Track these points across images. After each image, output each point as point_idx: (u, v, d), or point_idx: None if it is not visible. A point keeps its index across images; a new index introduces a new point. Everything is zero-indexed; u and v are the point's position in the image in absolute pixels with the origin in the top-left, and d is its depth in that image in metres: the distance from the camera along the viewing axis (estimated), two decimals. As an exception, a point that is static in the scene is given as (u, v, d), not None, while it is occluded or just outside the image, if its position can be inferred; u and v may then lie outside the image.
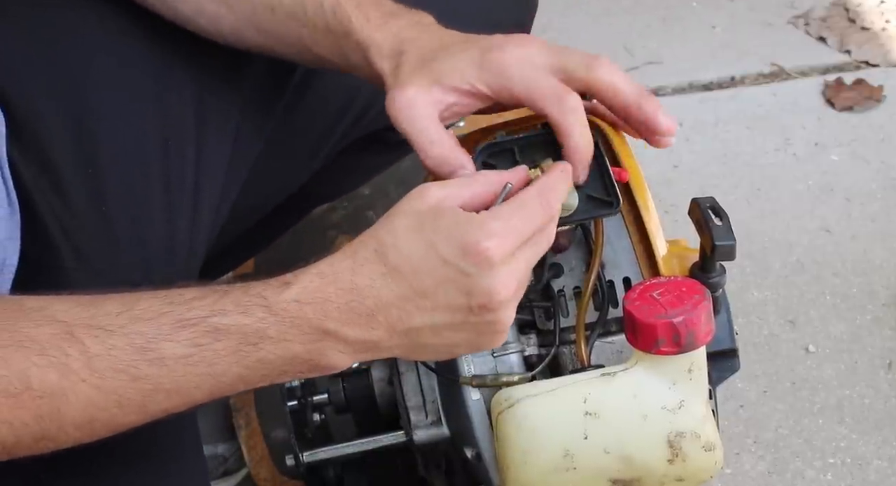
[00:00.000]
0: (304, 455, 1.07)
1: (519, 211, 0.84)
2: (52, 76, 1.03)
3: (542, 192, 0.86)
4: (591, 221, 0.99)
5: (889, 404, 1.61)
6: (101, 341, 0.79)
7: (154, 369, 0.80)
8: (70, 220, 0.99)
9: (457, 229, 0.81)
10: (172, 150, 1.06)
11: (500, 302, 0.82)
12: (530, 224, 0.84)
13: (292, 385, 1.11)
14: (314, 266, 0.82)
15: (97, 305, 0.81)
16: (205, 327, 0.80)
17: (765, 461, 1.55)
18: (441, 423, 1.03)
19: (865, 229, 1.85)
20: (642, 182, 1.02)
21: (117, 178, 1.02)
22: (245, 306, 0.81)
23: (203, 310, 0.81)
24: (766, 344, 1.69)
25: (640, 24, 2.29)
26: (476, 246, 0.80)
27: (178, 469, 1.02)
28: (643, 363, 0.91)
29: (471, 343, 0.85)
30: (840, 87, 2.09)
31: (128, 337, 0.80)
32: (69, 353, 0.79)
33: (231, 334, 0.80)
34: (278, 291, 0.81)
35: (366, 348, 0.83)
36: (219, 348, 0.81)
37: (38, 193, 1.00)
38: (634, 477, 0.93)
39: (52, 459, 0.84)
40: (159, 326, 0.80)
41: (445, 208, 0.82)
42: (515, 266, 0.83)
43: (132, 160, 1.04)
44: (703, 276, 0.98)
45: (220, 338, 0.80)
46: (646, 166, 1.04)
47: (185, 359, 0.80)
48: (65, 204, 1.00)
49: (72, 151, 1.01)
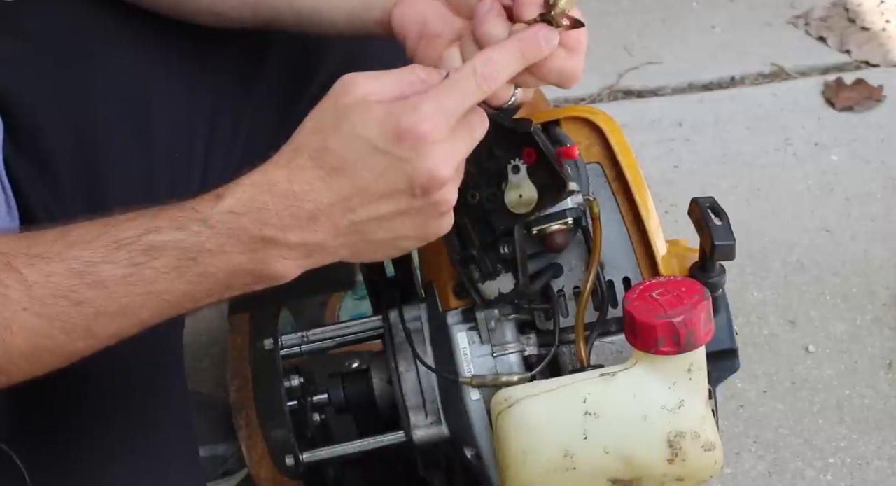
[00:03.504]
0: (304, 455, 1.07)
1: (451, 90, 0.81)
2: (58, 89, 1.03)
3: (478, 68, 0.82)
4: (586, 219, 0.99)
5: (889, 404, 1.61)
6: (38, 268, 0.79)
7: (94, 293, 0.80)
8: None
9: (388, 118, 0.79)
10: (179, 166, 1.07)
11: (442, 180, 0.81)
12: (466, 101, 0.82)
13: (292, 385, 1.11)
14: (247, 177, 0.81)
15: (35, 236, 0.82)
16: (141, 246, 0.80)
17: (765, 461, 1.55)
18: (441, 423, 1.03)
19: (865, 229, 1.85)
20: (642, 182, 1.02)
21: (119, 191, 1.03)
22: (179, 221, 0.80)
23: (137, 229, 0.80)
24: (766, 344, 1.69)
25: (640, 24, 2.28)
26: (410, 130, 0.79)
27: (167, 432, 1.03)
28: (643, 363, 0.91)
29: (418, 231, 0.84)
30: (840, 87, 2.09)
31: (65, 262, 0.79)
32: (7, 283, 0.79)
33: (168, 251, 0.80)
34: (211, 203, 0.80)
35: (310, 252, 0.82)
36: (158, 265, 0.80)
37: (35, 196, 1.00)
38: (634, 477, 0.93)
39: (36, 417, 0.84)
40: (95, 249, 0.80)
41: (374, 102, 0.80)
42: (452, 145, 0.81)
43: (136, 173, 1.04)
44: (702, 276, 0.98)
45: (158, 255, 0.80)
46: (646, 166, 1.04)
47: (125, 279, 0.80)
48: (64, 209, 1.00)
49: (72, 161, 1.01)
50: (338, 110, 0.80)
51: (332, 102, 0.81)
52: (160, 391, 1.05)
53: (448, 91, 0.81)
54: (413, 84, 0.82)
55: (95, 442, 0.98)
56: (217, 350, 1.67)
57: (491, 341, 1.01)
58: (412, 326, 1.05)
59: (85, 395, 0.99)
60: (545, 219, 0.96)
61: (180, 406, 1.07)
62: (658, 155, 1.99)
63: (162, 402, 1.04)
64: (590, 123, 1.03)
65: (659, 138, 2.03)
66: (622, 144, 1.02)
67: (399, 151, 0.79)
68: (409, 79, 0.82)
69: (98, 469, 0.97)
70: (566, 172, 0.92)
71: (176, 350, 1.09)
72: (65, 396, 0.98)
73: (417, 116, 0.79)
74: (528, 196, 0.92)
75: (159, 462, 1.01)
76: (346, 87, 0.81)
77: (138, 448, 1.00)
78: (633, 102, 2.12)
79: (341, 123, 0.80)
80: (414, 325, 1.05)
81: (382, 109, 0.80)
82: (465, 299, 1.02)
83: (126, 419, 1.01)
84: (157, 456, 1.01)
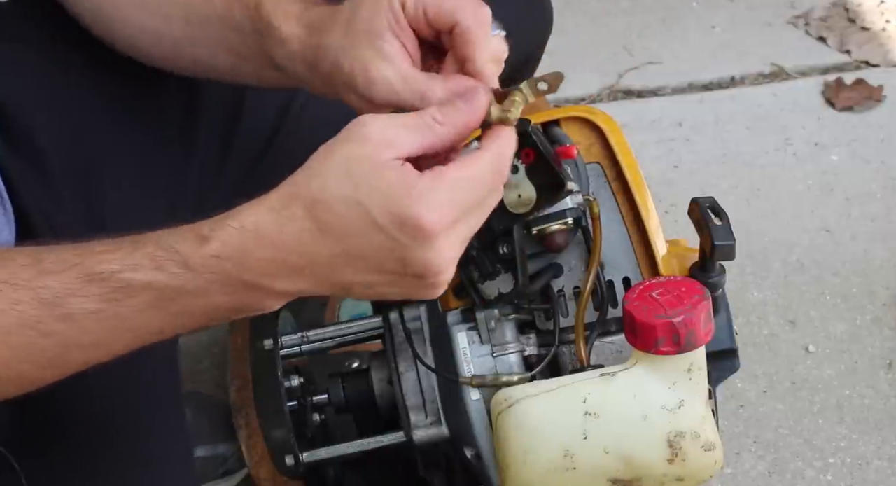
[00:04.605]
0: (304, 455, 1.07)
1: (467, 182, 0.76)
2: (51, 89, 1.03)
3: (496, 161, 0.78)
4: (586, 219, 0.99)
5: (889, 404, 1.61)
6: (5, 295, 0.76)
7: (63, 325, 0.77)
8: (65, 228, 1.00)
9: (395, 197, 0.74)
10: (176, 164, 1.07)
11: (439, 272, 0.77)
12: (477, 195, 0.77)
13: (292, 385, 1.11)
14: (235, 218, 0.76)
15: (7, 257, 0.78)
16: (116, 283, 0.76)
17: (765, 461, 1.55)
18: (441, 423, 1.03)
19: (865, 229, 1.85)
20: (642, 182, 1.02)
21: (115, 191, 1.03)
22: (158, 261, 0.76)
23: (114, 264, 0.77)
24: (766, 344, 1.69)
25: (640, 24, 2.29)
26: (416, 220, 0.74)
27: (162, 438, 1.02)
28: (643, 363, 0.91)
29: (406, 296, 0.81)
30: (840, 87, 2.09)
31: (34, 291, 0.76)
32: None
33: (145, 290, 0.77)
34: (195, 245, 0.76)
35: (292, 295, 0.79)
36: (133, 303, 0.77)
37: (31, 197, 1.00)
38: (634, 477, 0.93)
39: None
40: (66, 280, 0.76)
41: (384, 163, 0.74)
42: (455, 238, 0.77)
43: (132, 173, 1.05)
44: (702, 276, 0.98)
45: (134, 294, 0.77)
46: (646, 166, 1.04)
47: (96, 314, 0.77)
48: (60, 210, 1.00)
49: (67, 161, 1.02)
50: (347, 162, 0.75)
51: (343, 149, 0.76)
52: (154, 394, 1.04)
53: (466, 184, 0.76)
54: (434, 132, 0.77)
55: (90, 445, 0.98)
56: (217, 350, 1.67)
57: (491, 341, 1.01)
58: (412, 326, 1.05)
59: (80, 398, 0.99)
60: (545, 219, 0.96)
61: (174, 408, 1.07)
62: (658, 155, 1.99)
63: (156, 404, 1.04)
64: (590, 122, 1.03)
65: (659, 138, 2.03)
66: (622, 144, 1.02)
67: (398, 235, 0.75)
68: (428, 125, 0.77)
69: (93, 472, 0.97)
70: (565, 171, 0.92)
71: (171, 353, 1.09)
72: (61, 399, 0.97)
73: (426, 206, 0.74)
74: (526, 196, 0.92)
75: (153, 465, 1.01)
76: (362, 133, 0.76)
77: (133, 451, 1.00)
78: (633, 102, 2.12)
79: (346, 179, 0.75)
80: (414, 325, 1.05)
81: (393, 179, 0.74)
82: (464, 299, 1.02)
83: (121, 422, 1.00)
84: (151, 459, 1.01)
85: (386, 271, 0.77)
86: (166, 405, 1.05)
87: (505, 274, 0.97)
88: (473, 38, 0.83)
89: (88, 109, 1.04)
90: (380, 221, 0.74)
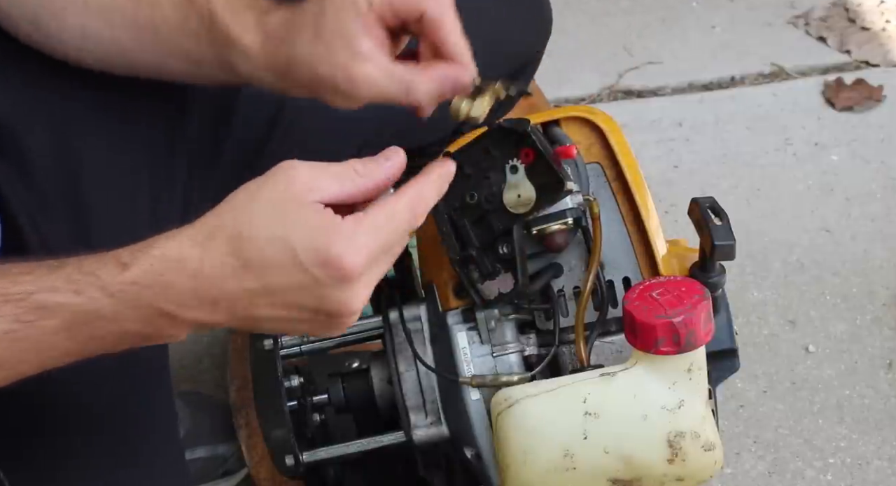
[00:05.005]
0: (304, 455, 1.07)
1: (387, 225, 0.80)
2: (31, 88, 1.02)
3: (414, 204, 0.82)
4: (586, 219, 0.99)
5: (889, 404, 1.61)
6: None
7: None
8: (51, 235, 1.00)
9: (319, 236, 0.77)
10: (160, 165, 1.06)
11: (351, 313, 0.80)
12: (395, 237, 0.80)
13: (292, 385, 1.11)
14: (157, 246, 0.78)
15: None
16: (30, 304, 0.77)
17: (765, 461, 1.55)
18: (441, 423, 1.03)
19: (865, 229, 1.85)
20: (642, 182, 1.02)
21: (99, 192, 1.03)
22: (77, 284, 0.77)
23: (29, 285, 0.77)
24: (766, 344, 1.69)
25: (640, 24, 2.29)
26: (338, 260, 0.77)
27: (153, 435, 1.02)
28: (643, 363, 0.92)
29: (314, 332, 0.83)
30: (840, 87, 2.09)
31: None
32: None
33: (60, 313, 0.77)
34: (115, 271, 0.77)
35: (204, 326, 0.81)
36: (46, 325, 0.77)
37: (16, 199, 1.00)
38: (634, 477, 0.93)
39: None
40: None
41: (309, 205, 0.78)
42: (371, 278, 0.80)
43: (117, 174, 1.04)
44: (702, 276, 0.98)
45: (48, 316, 0.77)
46: (646, 166, 1.04)
47: (7, 335, 0.77)
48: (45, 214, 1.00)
49: (50, 161, 1.01)
50: (272, 200, 0.78)
51: (269, 189, 0.78)
52: (144, 398, 1.04)
53: (384, 227, 0.79)
54: (354, 183, 0.80)
55: (78, 450, 0.98)
56: (217, 351, 1.67)
57: (491, 341, 1.01)
58: (412, 326, 1.05)
59: (68, 403, 0.98)
60: (545, 219, 0.96)
61: (165, 411, 1.06)
62: (658, 155, 1.99)
63: (146, 409, 1.04)
64: (590, 122, 1.03)
65: (659, 138, 2.03)
66: (622, 144, 1.02)
67: (319, 274, 0.77)
68: (350, 176, 0.80)
69: (82, 478, 0.97)
70: (564, 171, 0.92)
71: (160, 356, 1.09)
72: (48, 405, 0.97)
73: (350, 247, 0.77)
74: (526, 196, 0.92)
75: (143, 467, 1.00)
76: (288, 176, 0.78)
77: (123, 454, 0.99)
78: (633, 102, 2.12)
79: (273, 217, 0.77)
80: (414, 325, 1.05)
81: (317, 220, 0.77)
82: (465, 299, 1.02)
83: (111, 426, 1.00)
84: (142, 461, 1.00)
85: (300, 308, 0.79)
86: (157, 408, 1.05)
87: (505, 274, 0.97)
88: (442, 24, 0.86)
89: (73, 111, 1.03)
90: (303, 259, 0.77)
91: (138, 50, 0.98)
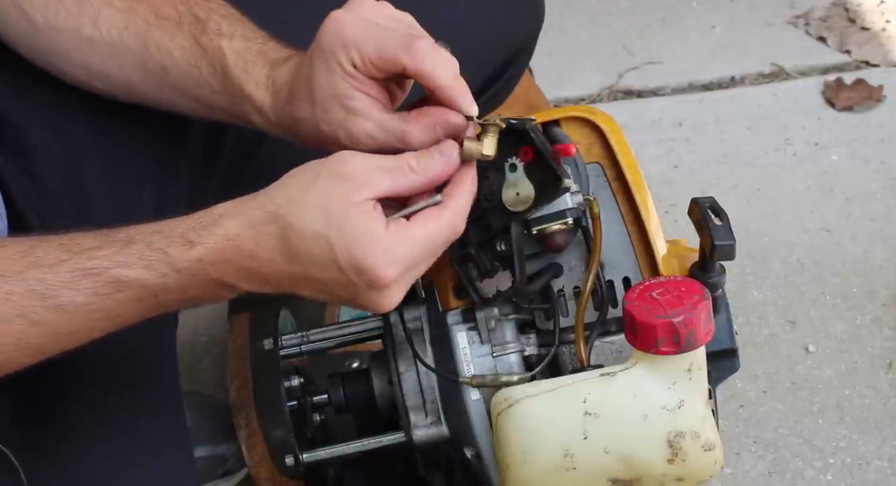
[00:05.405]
0: (303, 455, 1.07)
1: (425, 240, 0.85)
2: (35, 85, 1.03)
3: (454, 221, 0.87)
4: (586, 219, 0.99)
5: (889, 404, 1.61)
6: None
7: (53, 315, 0.83)
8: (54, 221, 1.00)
9: (356, 244, 0.82)
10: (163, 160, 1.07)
11: (384, 309, 0.86)
12: (432, 249, 0.86)
13: (292, 385, 1.11)
14: (220, 226, 0.84)
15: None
16: (107, 278, 0.84)
17: (765, 461, 1.55)
18: (441, 423, 1.03)
19: (865, 229, 1.85)
20: (642, 182, 1.02)
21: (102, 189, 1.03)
22: (148, 261, 0.84)
23: (105, 260, 0.84)
24: (766, 344, 1.69)
25: (640, 24, 2.28)
26: (373, 271, 0.82)
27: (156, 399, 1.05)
28: (643, 363, 0.92)
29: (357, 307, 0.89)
30: (840, 87, 2.09)
31: (26, 283, 0.83)
32: None
33: (133, 287, 0.84)
34: (183, 249, 0.84)
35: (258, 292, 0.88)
36: (120, 297, 0.84)
37: (22, 195, 1.00)
38: (634, 477, 0.93)
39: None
40: (58, 273, 0.83)
41: (358, 204, 0.83)
42: (405, 284, 0.86)
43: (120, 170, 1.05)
44: (702, 276, 0.98)
45: (123, 289, 0.84)
46: (646, 166, 1.04)
47: (85, 306, 0.84)
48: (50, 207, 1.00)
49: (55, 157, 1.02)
50: (325, 197, 0.83)
51: (324, 183, 0.83)
52: (153, 383, 1.05)
53: (422, 240, 0.84)
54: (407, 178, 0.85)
55: (89, 444, 0.98)
56: (217, 350, 1.67)
57: (491, 341, 1.01)
58: (412, 326, 1.05)
59: (78, 388, 1.00)
60: (545, 219, 0.96)
61: (174, 408, 1.07)
62: (658, 155, 1.99)
63: (154, 395, 1.05)
64: (590, 122, 1.03)
65: (659, 138, 2.03)
66: (622, 144, 1.02)
67: (355, 278, 0.83)
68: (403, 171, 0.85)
69: (92, 471, 0.97)
70: (563, 169, 0.92)
71: (169, 340, 1.09)
72: (58, 391, 0.99)
73: (385, 259, 0.83)
74: (525, 194, 0.92)
75: (150, 451, 1.01)
76: (344, 170, 0.84)
77: (130, 440, 1.00)
78: (633, 102, 2.12)
79: (321, 215, 0.83)
80: (414, 325, 1.05)
81: (360, 226, 0.82)
82: (464, 299, 1.02)
83: (119, 412, 1.01)
84: (149, 446, 1.01)
85: (340, 297, 0.86)
86: (166, 404, 1.06)
87: (503, 272, 0.97)
88: (424, 75, 0.88)
89: (77, 109, 1.04)
90: (341, 262, 0.83)
91: (148, 90, 1.02)
